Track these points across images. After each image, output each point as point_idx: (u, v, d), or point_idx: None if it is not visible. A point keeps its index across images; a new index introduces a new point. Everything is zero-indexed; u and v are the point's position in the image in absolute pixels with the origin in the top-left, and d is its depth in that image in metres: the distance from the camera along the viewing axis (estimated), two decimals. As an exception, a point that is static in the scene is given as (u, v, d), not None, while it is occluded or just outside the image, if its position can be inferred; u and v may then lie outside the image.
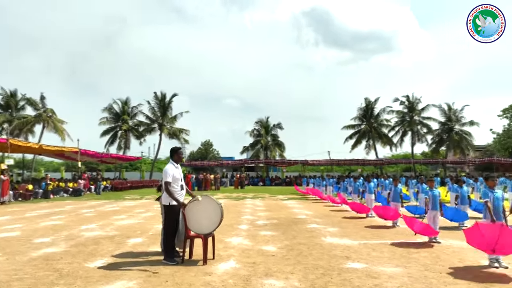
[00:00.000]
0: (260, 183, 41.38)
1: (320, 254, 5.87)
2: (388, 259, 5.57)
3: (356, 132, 48.49)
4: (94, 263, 5.37)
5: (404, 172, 48.67)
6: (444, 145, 46.81)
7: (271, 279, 4.54)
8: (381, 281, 4.40)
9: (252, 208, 14.24)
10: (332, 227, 8.99)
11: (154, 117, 46.20)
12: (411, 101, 47.01)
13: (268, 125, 47.61)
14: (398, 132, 48.24)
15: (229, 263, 5.33)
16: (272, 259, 5.59)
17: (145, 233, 8.13)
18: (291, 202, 17.27)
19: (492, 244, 4.83)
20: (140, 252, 6.13)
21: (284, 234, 7.87)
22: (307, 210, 13.15)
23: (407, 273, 4.75)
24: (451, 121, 46.10)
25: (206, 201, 5.52)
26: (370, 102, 48.34)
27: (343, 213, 12.02)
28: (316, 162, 44.18)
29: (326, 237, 7.48)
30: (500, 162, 43.10)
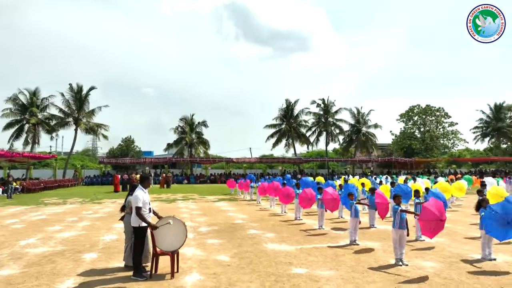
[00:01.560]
0: (185, 181, 41.51)
1: (268, 262, 6.93)
2: (322, 263, 6.86)
3: (277, 131, 51.21)
4: (64, 284, 5.67)
5: (319, 169, 52.80)
6: (353, 145, 52.08)
7: (236, 288, 5.46)
8: (322, 284, 5.61)
9: (188, 212, 14.84)
10: (269, 232, 10.18)
11: (69, 110, 43.08)
12: (326, 104, 51.23)
13: (192, 122, 47.74)
14: (315, 132, 52.33)
15: (193, 276, 6.08)
16: (229, 269, 6.48)
17: (95, 247, 8.34)
18: (223, 204, 18.21)
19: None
20: (103, 269, 6.51)
21: (230, 242, 8.79)
22: (242, 214, 14.23)
23: (339, 275, 6.06)
24: (360, 124, 51.46)
25: (172, 221, 6.16)
26: (290, 103, 51.42)
27: (276, 217, 13.36)
28: (240, 160, 45.65)
29: (267, 244, 8.60)
30: (398, 160, 49.46)
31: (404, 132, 56.74)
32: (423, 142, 54.40)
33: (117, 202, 19.19)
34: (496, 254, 7.19)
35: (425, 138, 54.38)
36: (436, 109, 54.74)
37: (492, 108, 55.38)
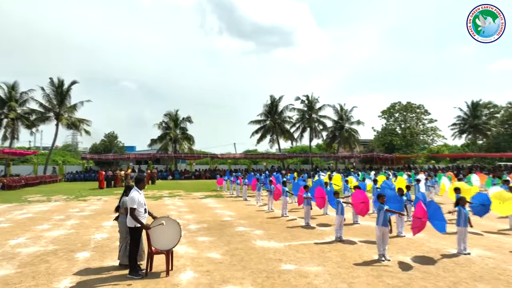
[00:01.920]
0: (170, 177, 41.41)
1: (258, 259, 7.24)
2: (310, 259, 7.21)
3: (262, 127, 51.56)
4: (61, 284, 5.82)
5: (302, 164, 53.41)
6: (336, 141, 52.93)
7: (229, 285, 5.72)
8: (311, 280, 5.95)
9: (175, 209, 14.99)
10: (257, 229, 10.48)
11: (50, 105, 42.20)
12: (310, 100, 51.80)
13: (177, 118, 47.52)
14: (299, 128, 52.89)
15: (187, 273, 6.32)
16: (222, 266, 6.75)
17: (87, 246, 8.45)
18: (210, 201, 18.41)
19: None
20: (98, 268, 6.67)
21: (220, 240, 9.05)
22: (229, 211, 14.49)
23: (326, 271, 6.41)
24: (343, 120, 52.27)
25: (167, 221, 6.37)
26: (275, 99, 51.79)
27: (263, 213, 13.68)
28: (225, 156, 45.78)
29: (256, 241, 8.90)
30: (379, 156, 50.57)
31: (386, 128, 57.96)
32: (404, 138, 55.75)
33: (103, 200, 19.15)
34: (470, 249, 7.70)
35: (406, 135, 55.73)
36: (416, 106, 56.11)
37: (469, 106, 57.14)
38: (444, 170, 45.95)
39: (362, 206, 9.10)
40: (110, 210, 14.64)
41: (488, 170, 40.43)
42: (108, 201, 18.20)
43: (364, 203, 9.04)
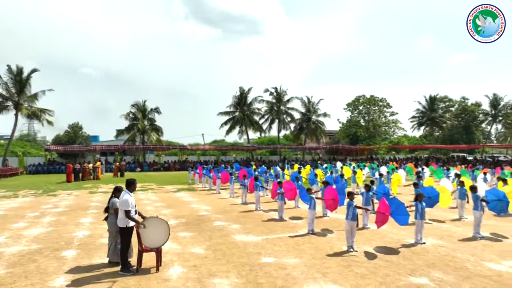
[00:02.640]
0: (138, 169, 41.01)
1: (239, 253, 7.84)
2: (286, 252, 7.92)
3: (231, 118, 51.89)
4: (56, 282, 6.13)
5: (271, 155, 54.41)
6: (304, 132, 54.36)
7: (216, 278, 6.29)
8: (289, 271, 6.63)
9: (150, 204, 15.27)
10: (234, 223, 11.08)
11: (8, 94, 40.19)
12: (279, 92, 52.67)
13: (145, 109, 46.83)
14: (267, 120, 53.73)
15: (176, 268, 6.82)
16: (207, 261, 7.30)
17: (70, 244, 8.67)
18: (183, 194, 18.76)
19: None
20: (88, 266, 7.00)
21: (200, 235, 9.56)
22: (204, 205, 14.97)
23: (302, 262, 7.13)
24: (310, 112, 53.66)
25: (156, 221, 6.80)
26: (244, 91, 52.18)
27: (237, 207, 14.27)
28: (194, 147, 45.82)
29: (235, 235, 9.50)
30: (344, 147, 52.54)
31: (350, 120, 60.18)
32: (367, 130, 58.20)
33: (74, 194, 18.98)
34: (425, 239, 8.73)
35: (369, 127, 58.20)
36: (379, 100, 58.59)
37: (427, 100, 60.42)
38: (404, 160, 48.66)
39: (331, 202, 9.91)
40: (85, 206, 14.70)
41: (443, 162, 43.33)
42: (80, 196, 18.08)
43: (334, 200, 9.85)
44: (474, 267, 6.82)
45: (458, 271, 6.56)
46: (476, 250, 7.96)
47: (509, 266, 6.87)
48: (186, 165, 42.76)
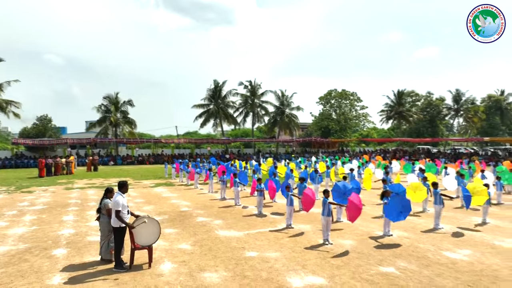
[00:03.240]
0: (111, 162, 40.49)
1: (224, 248, 8.41)
2: (268, 246, 8.56)
3: (205, 111, 51.96)
4: (53, 281, 6.46)
5: (245, 148, 54.97)
6: (277, 125, 55.26)
7: (206, 272, 6.83)
8: (272, 264, 7.28)
9: (131, 200, 15.45)
10: (216, 219, 11.61)
11: (-31, 84, 38.48)
12: (253, 86, 53.17)
13: (117, 101, 46.04)
14: (242, 113, 54.21)
15: (166, 264, 7.30)
16: (194, 256, 7.81)
17: (58, 243, 8.91)
18: (162, 190, 19.04)
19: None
20: (82, 264, 7.34)
21: (185, 231, 10.03)
22: (184, 200, 15.38)
23: (283, 255, 7.80)
24: (283, 106, 54.57)
25: (148, 220, 7.23)
26: (218, 84, 52.32)
27: (217, 203, 14.78)
28: (169, 141, 45.64)
29: (218, 231, 10.05)
30: (316, 140, 53.92)
31: (323, 113, 61.60)
32: (339, 123, 59.85)
33: (49, 191, 18.82)
34: (392, 231, 9.62)
35: (340, 120, 59.84)
36: (350, 94, 60.26)
37: (395, 94, 62.82)
38: (373, 153, 50.62)
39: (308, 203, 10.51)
40: (63, 203, 14.74)
41: (409, 155, 45.47)
42: (56, 193, 17.97)
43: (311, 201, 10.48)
44: (433, 256, 7.74)
45: (420, 260, 7.44)
46: (436, 241, 8.93)
47: (463, 254, 7.83)
48: (160, 159, 42.67)
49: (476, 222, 10.89)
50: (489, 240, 8.95)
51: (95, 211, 7.85)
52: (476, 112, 63.92)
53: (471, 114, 63.51)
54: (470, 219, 11.34)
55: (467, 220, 11.21)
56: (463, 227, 10.30)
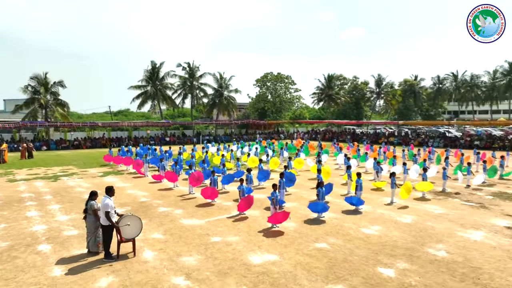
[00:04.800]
0: (44, 147, 38.80)
1: (192, 235, 10.11)
2: (227, 231, 10.44)
3: (143, 93, 51.24)
4: (54, 273, 7.66)
5: (185, 129, 55.43)
6: (216, 108, 56.51)
7: (184, 257, 8.52)
8: (234, 246, 9.19)
9: (86, 192, 16.06)
10: (176, 208, 13.15)
11: None
12: (191, 68, 53.42)
13: (47, 82, 43.46)
14: (180, 95, 54.39)
15: (148, 252, 8.82)
16: (169, 244, 9.41)
17: (38, 239, 9.82)
18: (113, 179, 19.74)
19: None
20: (72, 257, 8.54)
21: (152, 222, 11.46)
22: (140, 190, 16.51)
23: (242, 239, 9.75)
24: (222, 88, 55.80)
25: (131, 217, 8.63)
26: (156, 65, 51.65)
27: (172, 192, 16.18)
28: (106, 124, 44.59)
29: (182, 220, 11.66)
30: (254, 122, 56.34)
31: (259, 95, 64.03)
32: (274, 105, 62.86)
33: (-7, 184, 18.49)
34: (326, 213, 12.07)
35: (276, 102, 62.87)
36: (285, 77, 63.28)
37: (325, 78, 67.45)
38: (305, 134, 54.51)
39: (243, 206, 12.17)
40: (17, 198, 15.01)
41: (337, 138, 49.90)
42: (1, 186, 17.81)
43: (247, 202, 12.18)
44: (354, 232, 10.28)
45: (345, 237, 9.91)
46: (356, 220, 11.57)
47: (374, 230, 10.49)
48: (98, 142, 41.80)
49: (385, 202, 13.88)
50: (393, 217, 11.83)
51: (82, 212, 8.98)
52: (394, 95, 71.31)
53: (390, 97, 70.69)
54: (382, 200, 14.33)
55: (380, 201, 14.17)
56: (376, 207, 13.17)
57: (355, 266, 7.89)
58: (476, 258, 8.34)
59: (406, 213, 12.31)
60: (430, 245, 9.17)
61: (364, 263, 8.08)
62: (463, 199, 14.46)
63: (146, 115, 76.12)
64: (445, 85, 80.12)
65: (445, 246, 9.10)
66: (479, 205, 13.37)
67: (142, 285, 7.09)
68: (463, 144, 37.70)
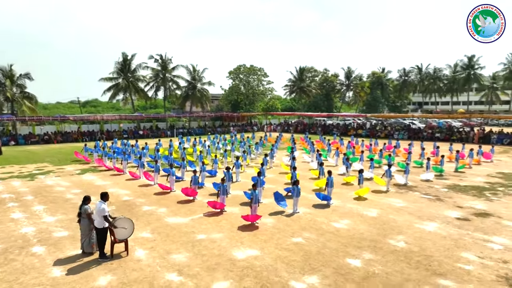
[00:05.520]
0: (12, 142, 37.78)
1: (178, 233, 10.89)
2: (211, 228, 11.31)
3: (114, 85, 50.51)
4: (54, 273, 8.27)
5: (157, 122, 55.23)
6: (190, 100, 56.56)
7: (173, 254, 9.33)
8: (219, 243, 10.07)
9: (67, 191, 16.40)
10: (160, 207, 13.83)
11: None
12: (164, 60, 53.07)
13: (12, 74, 42.03)
14: (153, 87, 54.02)
15: (139, 251, 9.55)
16: (158, 242, 10.16)
17: (29, 242, 10.28)
18: (91, 177, 19.96)
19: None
20: (68, 258, 9.13)
21: (139, 221, 12.09)
22: (121, 189, 16.97)
23: (225, 236, 10.65)
24: (195, 80, 55.86)
25: (124, 219, 9.32)
26: (127, 56, 50.94)
27: (152, 189, 16.77)
28: (78, 118, 43.80)
29: (167, 218, 12.39)
30: (228, 114, 56.93)
31: (232, 87, 64.52)
32: (247, 97, 63.60)
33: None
34: (299, 209, 13.18)
35: (249, 94, 63.62)
36: (258, 69, 64.02)
37: (297, 70, 68.82)
38: (277, 126, 55.73)
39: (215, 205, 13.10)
40: (-1, 199, 15.12)
41: (308, 128, 51.36)
42: None
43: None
44: (326, 226, 11.43)
45: (318, 231, 11.04)
46: (327, 214, 12.75)
47: (344, 223, 11.69)
48: (69, 136, 41.14)
49: (355, 197, 15.19)
50: (360, 211, 13.11)
51: (76, 215, 9.54)
52: (363, 87, 73.85)
53: (359, 89, 73.14)
54: (352, 194, 15.62)
55: (349, 195, 15.46)
56: (346, 202, 14.43)
57: (327, 258, 9.01)
58: (429, 247, 9.69)
59: (372, 207, 13.64)
60: (391, 237, 10.46)
61: (335, 255, 9.22)
62: (422, 192, 16.04)
63: (116, 106, 74.73)
64: (411, 78, 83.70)
65: (404, 237, 10.42)
66: (435, 198, 14.94)
67: (139, 282, 7.87)
68: (426, 137, 40.14)
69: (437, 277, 8.01)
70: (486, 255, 9.18)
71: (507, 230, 11.04)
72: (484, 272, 8.25)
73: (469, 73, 72.79)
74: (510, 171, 21.24)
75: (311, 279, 7.96)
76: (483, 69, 73.98)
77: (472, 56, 72.91)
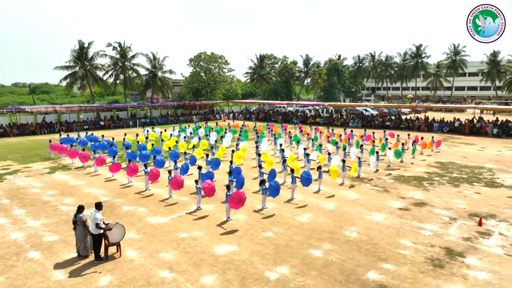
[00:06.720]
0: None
1: (162, 233, 12.17)
2: (191, 227, 12.69)
3: (71, 74, 49.08)
4: (57, 277, 9.33)
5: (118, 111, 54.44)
6: (150, 88, 56.16)
7: (161, 253, 10.64)
8: (200, 240, 11.50)
9: (43, 193, 16.84)
10: (139, 207, 14.90)
11: None
12: (122, 48, 52.12)
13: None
14: (112, 76, 53.02)
15: (130, 252, 10.77)
16: (145, 242, 11.40)
17: (23, 247, 11.10)
18: (64, 176, 20.23)
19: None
20: (66, 261, 10.16)
21: (122, 221, 12.95)
22: (97, 188, 17.69)
23: (205, 233, 12.09)
24: (156, 69, 55.49)
25: (116, 225, 10.46)
26: (83, 44, 49.46)
27: (129, 189, 17.68)
28: (34, 110, 42.36)
29: (148, 218, 13.56)
30: (190, 103, 57.31)
31: (193, 75, 64.58)
32: (209, 85, 64.07)
33: None
34: (267, 204, 14.86)
35: (210, 82, 64.09)
36: (219, 57, 64.44)
37: (258, 58, 70.03)
38: (239, 114, 57.01)
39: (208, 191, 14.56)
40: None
41: (269, 116, 53.07)
42: None
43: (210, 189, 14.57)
44: (291, 221, 13.23)
45: (284, 225, 12.80)
46: (292, 209, 14.55)
47: (306, 217, 13.55)
48: (27, 129, 39.92)
49: (314, 190, 17.14)
50: (320, 204, 15.06)
51: (72, 223, 10.52)
52: (320, 74, 76.68)
53: (317, 76, 75.91)
54: (311, 188, 17.55)
55: (309, 189, 17.39)
56: (307, 196, 16.34)
57: (294, 250, 10.79)
58: (376, 236, 11.79)
59: (330, 200, 15.65)
60: (346, 228, 12.47)
61: (300, 247, 11.03)
62: (373, 184, 18.37)
63: (72, 93, 71.96)
64: (365, 64, 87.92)
65: (356, 228, 12.47)
66: (383, 189, 17.29)
67: (137, 280, 9.19)
68: (377, 125, 43.42)
69: (381, 262, 10.06)
70: (419, 241, 11.43)
71: (438, 217, 13.47)
72: (416, 255, 10.44)
73: (417, 62, 78.04)
74: (447, 160, 24.31)
75: (282, 269, 9.70)
76: (429, 57, 79.62)
77: (419, 45, 78.08)
